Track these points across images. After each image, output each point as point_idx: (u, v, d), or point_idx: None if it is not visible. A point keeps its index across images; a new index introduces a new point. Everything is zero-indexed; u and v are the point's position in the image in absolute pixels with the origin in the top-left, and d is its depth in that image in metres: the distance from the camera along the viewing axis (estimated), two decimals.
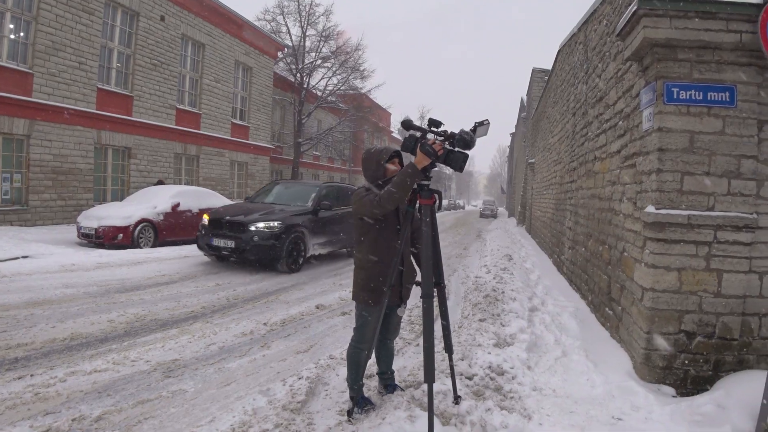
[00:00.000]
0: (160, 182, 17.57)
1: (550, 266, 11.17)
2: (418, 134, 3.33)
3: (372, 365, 4.04)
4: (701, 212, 4.10)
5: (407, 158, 3.39)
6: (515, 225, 28.56)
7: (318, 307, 7.29)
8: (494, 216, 45.56)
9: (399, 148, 3.56)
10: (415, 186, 3.27)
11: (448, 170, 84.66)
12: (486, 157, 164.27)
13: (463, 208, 77.52)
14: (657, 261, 4.17)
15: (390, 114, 51.22)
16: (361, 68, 34.68)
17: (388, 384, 3.97)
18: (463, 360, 4.51)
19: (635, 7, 4.06)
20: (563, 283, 8.94)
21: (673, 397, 4.12)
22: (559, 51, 11.70)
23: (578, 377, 4.46)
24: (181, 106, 20.99)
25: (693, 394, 4.05)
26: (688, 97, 4.14)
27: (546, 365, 4.74)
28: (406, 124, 3.39)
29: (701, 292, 4.18)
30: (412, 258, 3.73)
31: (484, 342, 4.98)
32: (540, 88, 21.24)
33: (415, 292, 3.53)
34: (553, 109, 12.79)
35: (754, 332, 4.22)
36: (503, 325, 5.58)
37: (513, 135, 51.72)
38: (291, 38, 31.26)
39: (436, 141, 3.20)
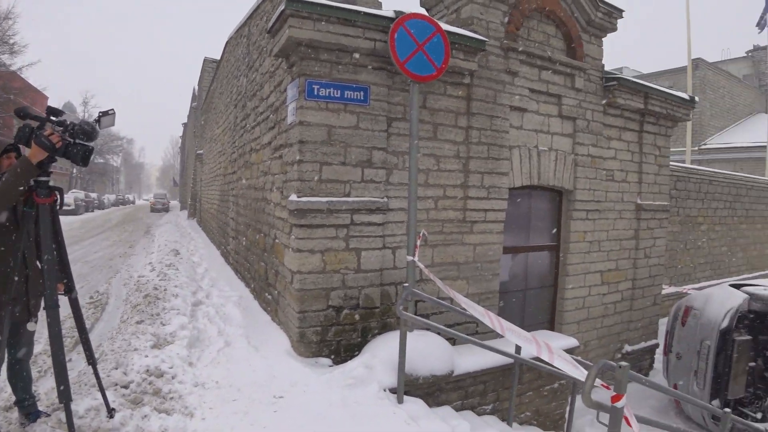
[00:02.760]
0: None
1: (218, 258, 11.25)
2: (35, 124, 2.96)
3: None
4: (339, 198, 4.63)
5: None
6: (186, 218, 27.94)
7: None
8: (166, 210, 43.80)
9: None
10: (32, 183, 2.92)
11: (115, 162, 77.97)
12: (158, 148, 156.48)
13: (133, 203, 72.31)
14: (302, 245, 4.56)
15: (47, 97, 44.37)
16: (11, 41, 29.26)
17: (29, 413, 3.45)
18: (117, 368, 4.21)
19: (283, 7, 4.30)
20: (230, 273, 9.11)
21: (330, 366, 4.58)
22: (227, 42, 11.79)
23: (241, 365, 4.59)
24: None
25: (347, 361, 4.55)
26: (327, 95, 4.59)
27: (209, 358, 4.76)
28: (21, 112, 2.96)
29: (344, 270, 4.74)
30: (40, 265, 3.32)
31: (141, 345, 4.75)
32: (210, 78, 21.08)
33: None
34: (220, 100, 12.89)
35: (393, 299, 5.01)
36: (163, 324, 5.41)
37: (185, 125, 50.23)
38: None
39: (54, 132, 2.89)
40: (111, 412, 3.49)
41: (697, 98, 8.81)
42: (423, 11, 5.89)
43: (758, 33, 22.84)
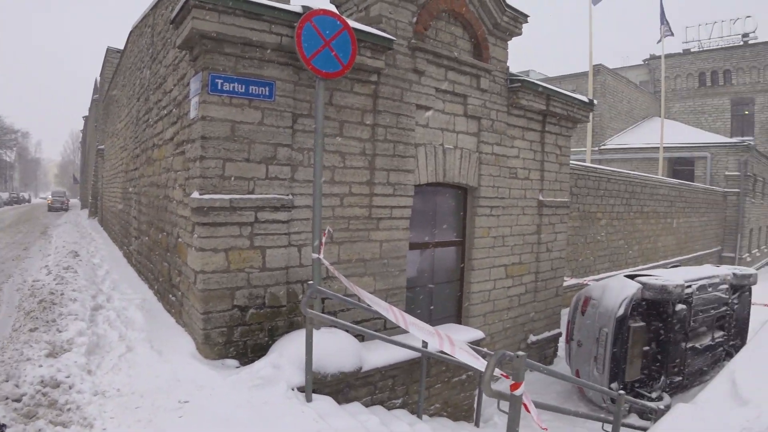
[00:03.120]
0: None
1: (120, 259, 10.76)
2: None
3: None
4: (242, 195, 4.55)
5: None
6: (87, 217, 26.53)
7: None
8: (65, 209, 41.31)
9: None
10: None
11: (9, 157, 72.81)
12: (57, 143, 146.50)
13: (28, 201, 67.74)
14: (205, 244, 4.45)
15: None
16: None
17: None
18: (8, 381, 3.96)
19: None
20: (133, 274, 8.74)
21: (237, 368, 4.49)
22: (131, 32, 11.26)
23: (144, 370, 4.43)
24: None
25: (254, 362, 4.47)
26: (231, 89, 4.49)
27: (109, 365, 4.56)
28: None
29: (248, 269, 4.67)
30: None
31: (35, 354, 4.49)
32: (113, 69, 20.12)
33: None
34: (122, 93, 12.32)
35: (299, 297, 4.96)
36: (60, 331, 5.14)
37: (86, 119, 47.61)
38: None
39: None
40: (1, 429, 3.29)
41: (596, 101, 9.32)
42: (333, 8, 5.89)
43: (657, 43, 24.48)
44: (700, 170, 25.20)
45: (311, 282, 4.28)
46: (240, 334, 4.69)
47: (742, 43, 32.20)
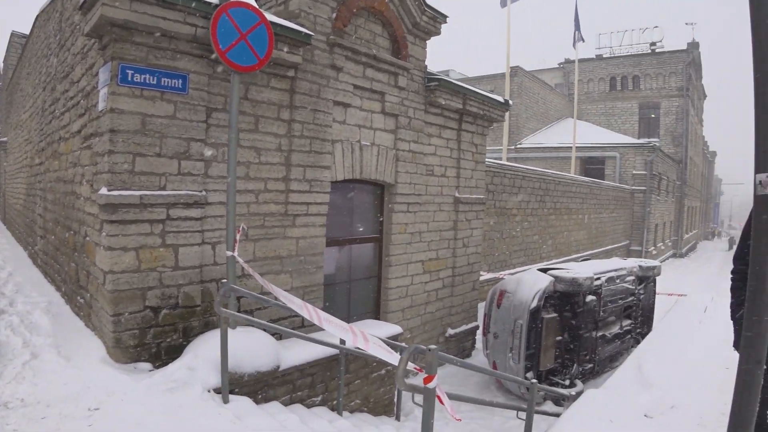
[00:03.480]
0: None
1: (25, 259, 10.15)
2: None
3: None
4: (154, 192, 4.42)
5: None
6: None
7: None
8: None
9: None
10: None
11: None
12: None
13: None
14: (114, 243, 4.29)
15: None
16: None
17: None
18: None
19: None
20: (39, 276, 8.28)
21: (150, 371, 4.36)
22: (37, 16, 10.60)
23: (50, 378, 4.21)
24: None
25: (168, 364, 4.36)
26: (142, 81, 4.33)
27: (12, 374, 4.29)
28: None
29: (161, 268, 4.54)
30: None
31: None
32: (18, 55, 18.89)
33: None
34: (27, 82, 11.57)
35: (214, 296, 4.87)
36: None
37: None
38: None
39: None
40: None
41: (512, 101, 9.68)
42: (251, 0, 5.81)
43: (573, 48, 25.71)
44: (610, 169, 26.88)
45: (225, 280, 4.23)
46: (153, 336, 4.56)
47: (650, 51, 34.53)
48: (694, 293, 11.88)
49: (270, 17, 4.77)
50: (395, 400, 6.06)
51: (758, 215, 2.68)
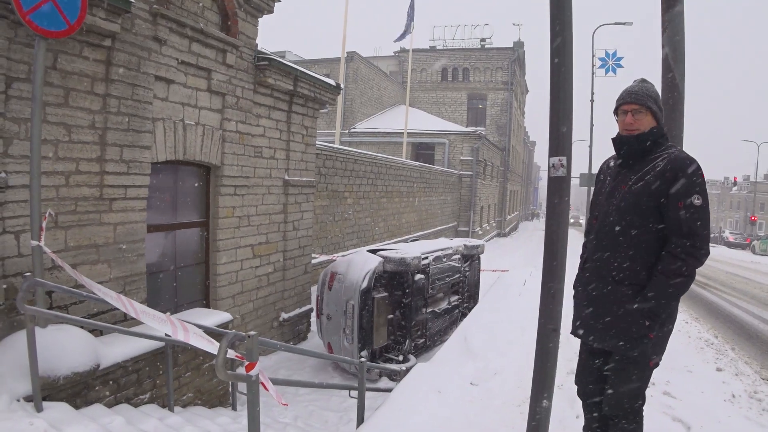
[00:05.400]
0: None
1: None
2: None
3: None
4: None
5: None
6: None
7: None
8: None
9: None
10: None
11: None
12: None
13: None
14: None
15: None
16: None
17: None
18: None
19: None
20: None
21: None
22: None
23: None
24: None
25: None
26: None
27: None
28: None
29: None
30: None
31: None
32: None
33: None
34: None
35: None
36: None
37: None
38: None
39: None
40: None
41: (342, 85, 9.94)
42: None
43: (396, 42, 26.86)
44: (440, 154, 28.88)
45: (28, 274, 3.91)
46: None
47: (479, 46, 37.83)
48: (515, 269, 13.26)
49: None
50: (230, 390, 6.02)
51: (551, 195, 3.12)
